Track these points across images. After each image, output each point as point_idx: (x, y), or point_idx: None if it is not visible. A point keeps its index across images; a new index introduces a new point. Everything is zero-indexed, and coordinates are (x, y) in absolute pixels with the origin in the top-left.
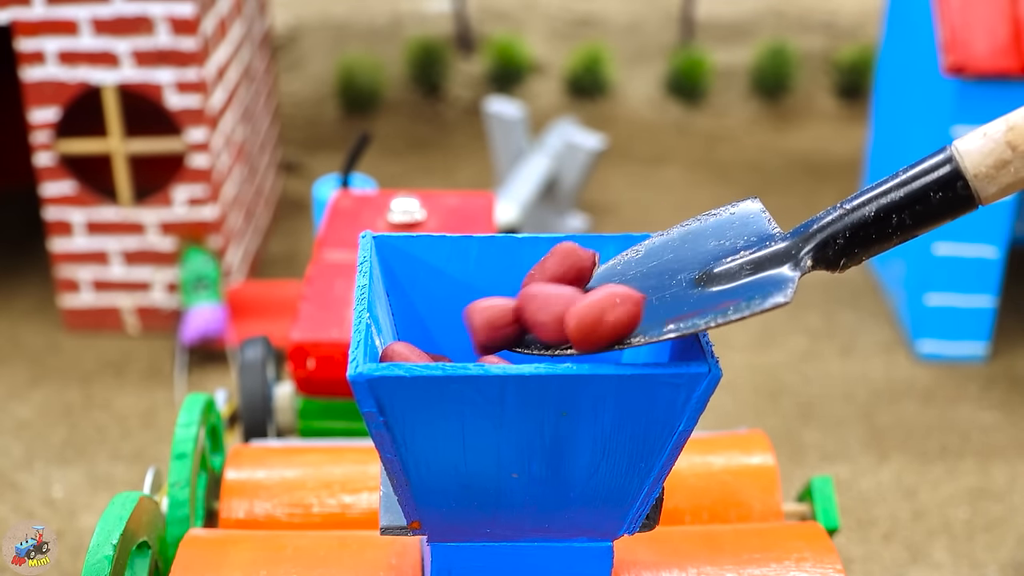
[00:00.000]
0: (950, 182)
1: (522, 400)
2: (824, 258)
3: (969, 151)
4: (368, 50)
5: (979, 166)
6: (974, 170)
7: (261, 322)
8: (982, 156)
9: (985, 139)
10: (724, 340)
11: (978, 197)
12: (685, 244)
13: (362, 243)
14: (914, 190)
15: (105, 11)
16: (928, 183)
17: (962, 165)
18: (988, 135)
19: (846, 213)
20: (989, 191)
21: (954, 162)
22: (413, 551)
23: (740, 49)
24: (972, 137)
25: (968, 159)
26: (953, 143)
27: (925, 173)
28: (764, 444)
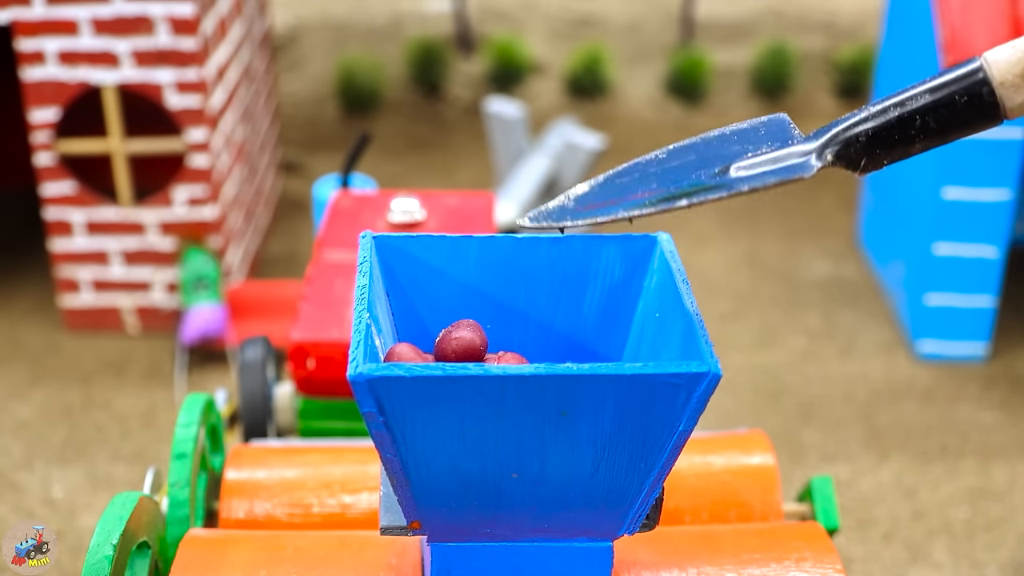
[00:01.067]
0: (976, 88)
1: (522, 400)
2: (846, 156)
3: (997, 60)
4: (368, 50)
5: (1006, 74)
6: (1001, 78)
7: (261, 322)
8: (1009, 65)
9: (1014, 50)
10: (724, 340)
11: (1003, 107)
12: (709, 148)
13: (362, 243)
14: (940, 94)
15: (105, 11)
16: (955, 88)
17: (989, 73)
18: (1016, 47)
19: (871, 115)
20: (1015, 101)
21: (982, 70)
22: (413, 551)
23: (740, 49)
24: (1002, 48)
25: (996, 68)
26: (983, 54)
27: (953, 79)
28: (764, 444)
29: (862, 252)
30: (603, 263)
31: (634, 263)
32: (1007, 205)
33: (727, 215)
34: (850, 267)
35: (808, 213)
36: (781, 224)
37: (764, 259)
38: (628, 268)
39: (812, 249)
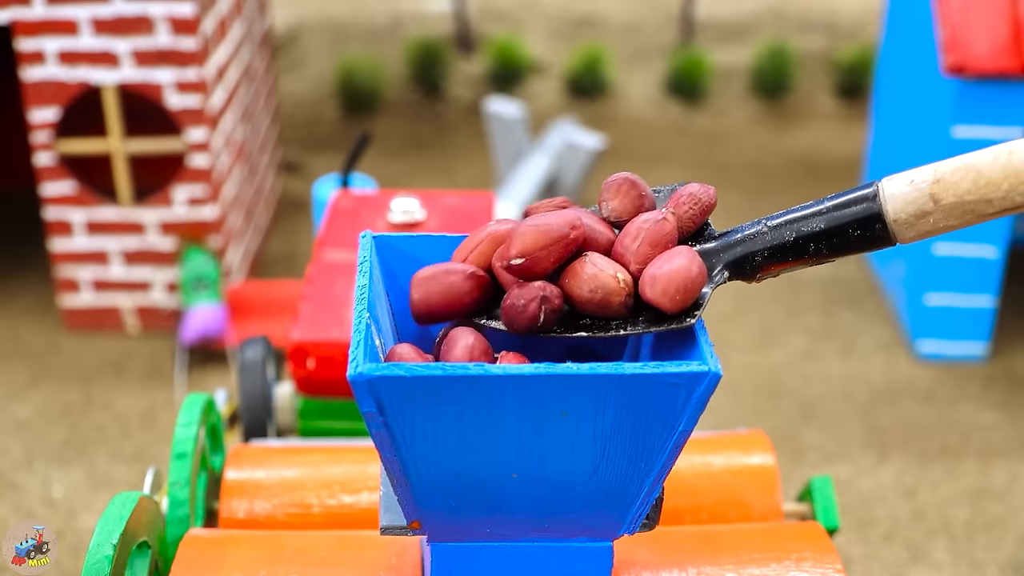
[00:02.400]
0: (869, 221)
1: (522, 400)
2: (741, 271)
3: (893, 195)
4: (368, 50)
5: (899, 212)
6: (894, 215)
7: (261, 322)
8: (904, 203)
9: (911, 187)
10: (724, 340)
11: (895, 239)
12: None
13: (362, 243)
14: (834, 222)
15: (105, 11)
16: (848, 219)
17: (884, 208)
18: (915, 182)
19: (768, 232)
20: (907, 235)
21: (877, 202)
22: (413, 551)
23: (740, 49)
24: (899, 181)
25: (891, 203)
26: (881, 182)
27: (847, 207)
28: (764, 444)
29: None
30: None
31: None
32: None
33: (727, 215)
34: (850, 267)
35: None
36: None
37: None
38: None
39: None
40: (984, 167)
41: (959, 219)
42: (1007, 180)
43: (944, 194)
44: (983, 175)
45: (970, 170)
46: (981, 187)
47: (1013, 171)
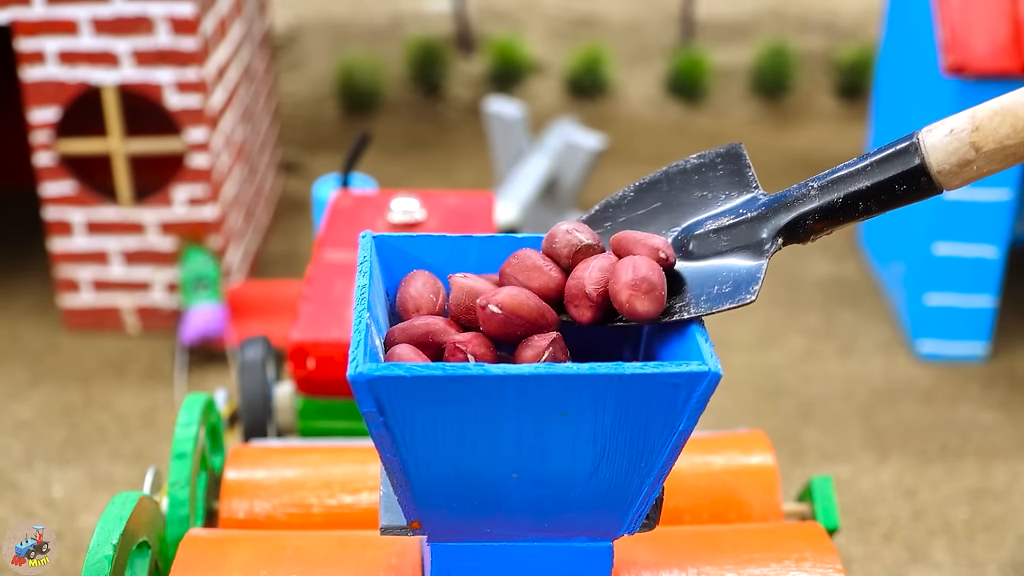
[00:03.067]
0: (914, 175)
1: (522, 400)
2: (795, 237)
3: (935, 147)
4: (368, 50)
5: (943, 164)
6: (938, 167)
7: (261, 322)
8: (946, 155)
9: (951, 137)
10: (724, 340)
11: (941, 188)
12: (673, 188)
13: (362, 243)
14: (880, 180)
15: (105, 11)
16: (893, 175)
17: (927, 161)
18: (954, 132)
19: (816, 194)
20: (952, 184)
21: (919, 156)
22: (413, 551)
23: (740, 49)
24: (938, 131)
25: (933, 156)
26: (920, 134)
27: (891, 164)
28: (764, 444)
29: (862, 252)
30: None
31: None
32: (1007, 205)
33: None
34: (850, 267)
35: None
36: None
37: None
38: None
39: (812, 249)
40: (1022, 110)
41: (1002, 163)
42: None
43: (984, 141)
44: (1021, 118)
45: (1008, 114)
46: (1020, 131)
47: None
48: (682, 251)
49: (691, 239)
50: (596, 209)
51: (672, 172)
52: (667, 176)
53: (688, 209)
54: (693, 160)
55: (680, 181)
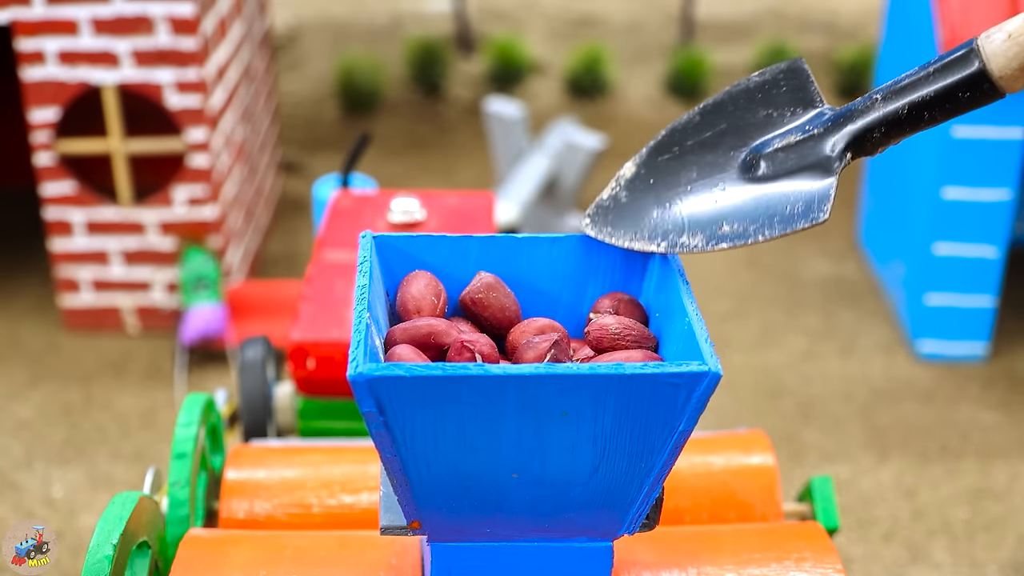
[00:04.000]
0: (977, 82)
1: (522, 400)
2: (862, 149)
3: (995, 53)
4: (368, 50)
5: (1004, 68)
6: (999, 72)
7: (261, 322)
8: (1007, 60)
9: (1011, 42)
10: (724, 340)
11: (1004, 91)
12: (737, 109)
13: (362, 243)
14: (943, 89)
15: (105, 11)
16: (957, 83)
17: (988, 67)
18: (1012, 37)
19: (881, 105)
20: (1015, 86)
21: (980, 62)
22: (413, 551)
23: (740, 49)
24: (996, 37)
25: (994, 62)
26: (978, 41)
27: (953, 72)
28: (764, 444)
29: (862, 252)
30: (603, 263)
31: (634, 263)
32: (1007, 205)
33: None
34: (850, 267)
35: None
36: None
37: (764, 259)
38: (628, 268)
39: (812, 249)
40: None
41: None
42: None
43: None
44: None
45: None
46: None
47: None
48: (751, 171)
49: (760, 159)
50: (663, 135)
51: (735, 92)
52: (731, 96)
53: (754, 128)
54: (755, 78)
55: (744, 100)
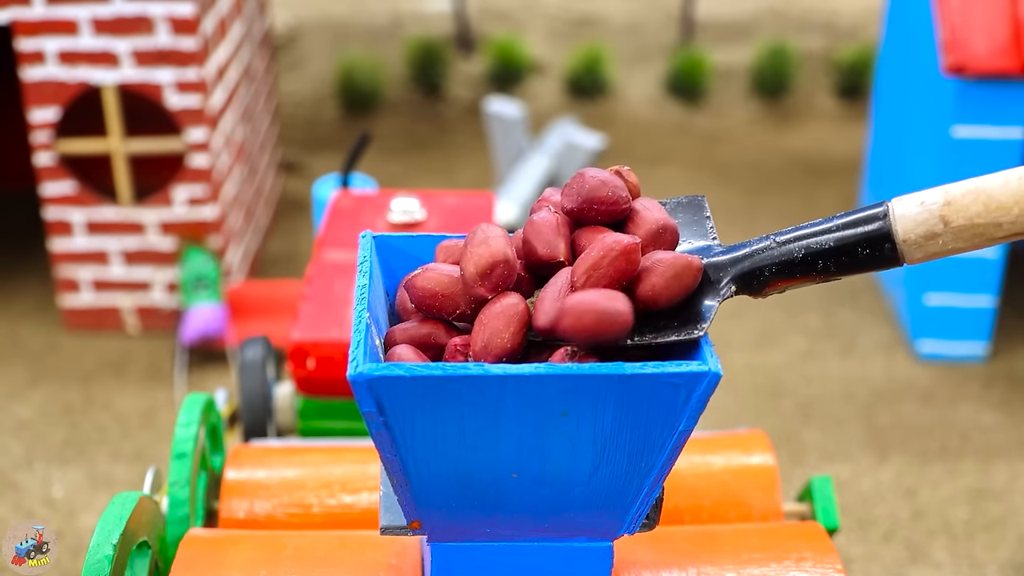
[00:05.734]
0: (879, 241)
1: (522, 400)
2: (748, 286)
3: (904, 216)
4: (368, 50)
5: (909, 233)
6: (904, 235)
7: (261, 322)
8: (914, 224)
9: (922, 208)
10: (724, 340)
11: (903, 259)
12: None
13: (362, 243)
14: (843, 240)
15: (105, 11)
16: (858, 237)
17: (894, 228)
18: (925, 204)
19: (776, 247)
20: (915, 256)
21: (887, 222)
22: (413, 551)
23: (740, 49)
24: (910, 201)
25: (901, 223)
26: (891, 202)
27: (857, 225)
28: (764, 444)
29: None
30: None
31: None
32: None
33: (727, 215)
34: None
35: (808, 213)
36: (780, 224)
37: None
38: None
39: None
40: (995, 191)
41: (968, 242)
42: (1017, 205)
43: (954, 216)
44: (994, 199)
45: (980, 193)
46: (992, 211)
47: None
48: None
49: None
50: None
51: None
52: None
53: None
54: None
55: None
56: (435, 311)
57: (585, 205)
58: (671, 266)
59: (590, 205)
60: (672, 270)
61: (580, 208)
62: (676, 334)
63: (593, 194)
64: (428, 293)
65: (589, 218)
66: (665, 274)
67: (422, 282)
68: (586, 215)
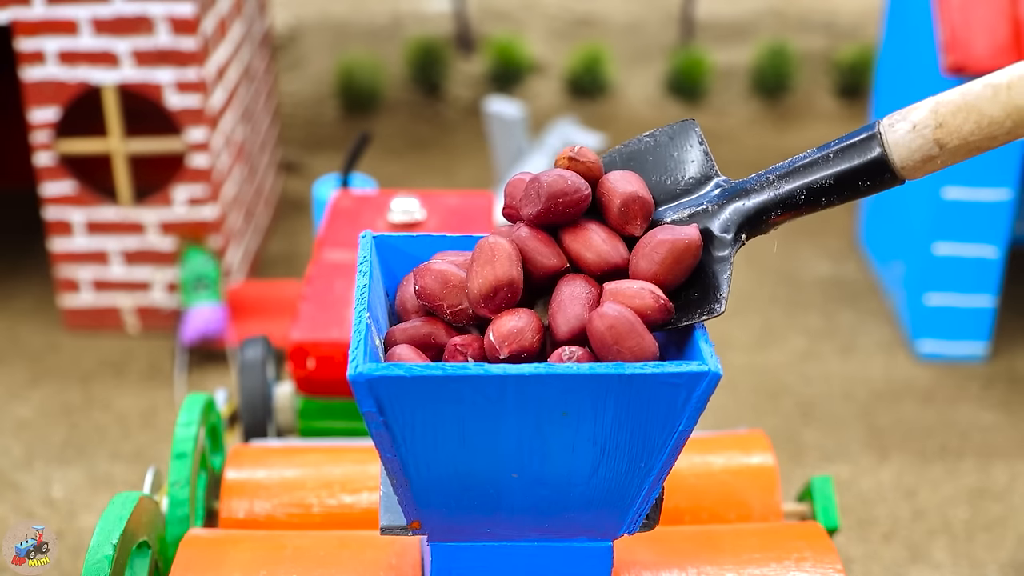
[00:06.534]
0: (878, 171)
1: (522, 400)
2: (757, 231)
3: (898, 144)
4: (368, 50)
5: (906, 160)
6: (901, 163)
7: (261, 322)
8: (910, 152)
9: (915, 134)
10: (724, 340)
11: (903, 180)
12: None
13: (362, 243)
14: (843, 176)
15: (105, 11)
16: (857, 171)
17: (890, 157)
18: (917, 129)
19: (778, 188)
20: (915, 176)
21: (883, 153)
22: (413, 551)
23: (740, 49)
24: (901, 128)
25: (896, 152)
26: (881, 129)
27: (854, 158)
28: (764, 444)
29: (862, 252)
30: None
31: None
32: (1007, 205)
33: None
34: (850, 267)
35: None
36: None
37: (764, 259)
38: None
39: (812, 249)
40: (986, 107)
41: (965, 156)
42: (1010, 118)
43: (949, 139)
44: (986, 115)
45: (972, 111)
46: (985, 128)
47: (1015, 108)
48: None
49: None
50: None
51: (627, 153)
52: (622, 158)
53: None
54: (646, 139)
55: (636, 163)
56: (436, 308)
57: (550, 203)
58: (671, 251)
59: (555, 202)
60: (672, 255)
61: (546, 209)
62: (700, 310)
63: (553, 189)
64: (430, 292)
65: (557, 216)
66: (665, 261)
67: (430, 278)
68: (553, 213)
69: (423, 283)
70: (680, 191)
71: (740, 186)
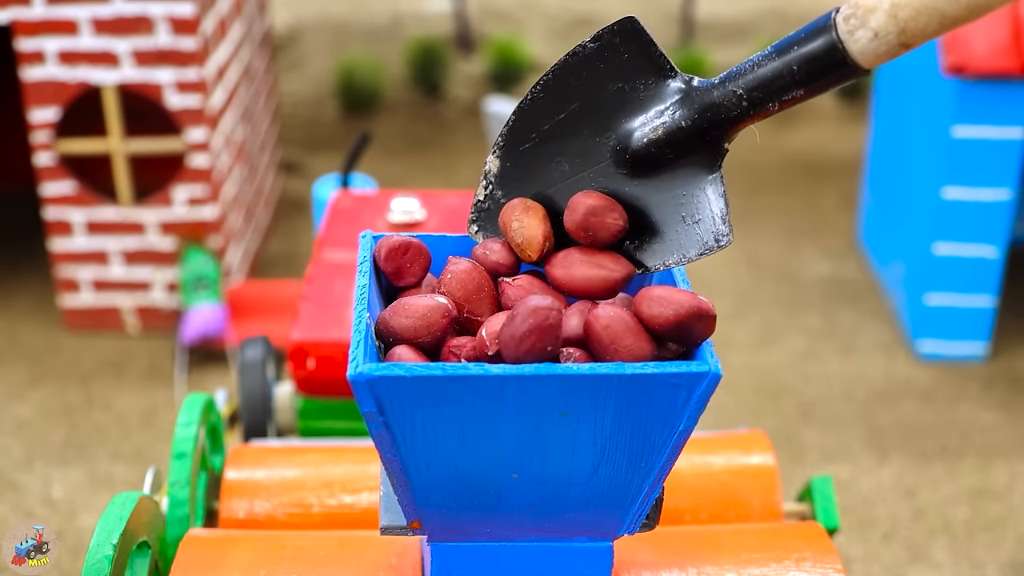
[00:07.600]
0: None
1: (522, 400)
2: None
3: (863, 53)
4: (368, 50)
5: (873, 63)
6: (868, 65)
7: (261, 322)
8: (876, 57)
9: (878, 42)
10: (724, 340)
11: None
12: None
13: (362, 243)
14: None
15: (105, 11)
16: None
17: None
18: (880, 36)
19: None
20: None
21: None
22: (413, 551)
23: (740, 49)
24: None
25: (862, 59)
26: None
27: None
28: (764, 444)
29: (862, 252)
30: None
31: None
32: (1007, 205)
33: None
34: (850, 267)
35: (808, 213)
36: (781, 224)
37: (764, 259)
38: None
39: (812, 249)
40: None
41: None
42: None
43: (913, 40)
44: (948, 16)
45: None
46: (947, 25)
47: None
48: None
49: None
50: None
51: (574, 63)
52: (570, 68)
53: (609, 108)
54: (591, 45)
55: (587, 73)
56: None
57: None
58: None
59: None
60: None
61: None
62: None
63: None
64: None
65: None
66: None
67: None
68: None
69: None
70: (642, 98)
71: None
